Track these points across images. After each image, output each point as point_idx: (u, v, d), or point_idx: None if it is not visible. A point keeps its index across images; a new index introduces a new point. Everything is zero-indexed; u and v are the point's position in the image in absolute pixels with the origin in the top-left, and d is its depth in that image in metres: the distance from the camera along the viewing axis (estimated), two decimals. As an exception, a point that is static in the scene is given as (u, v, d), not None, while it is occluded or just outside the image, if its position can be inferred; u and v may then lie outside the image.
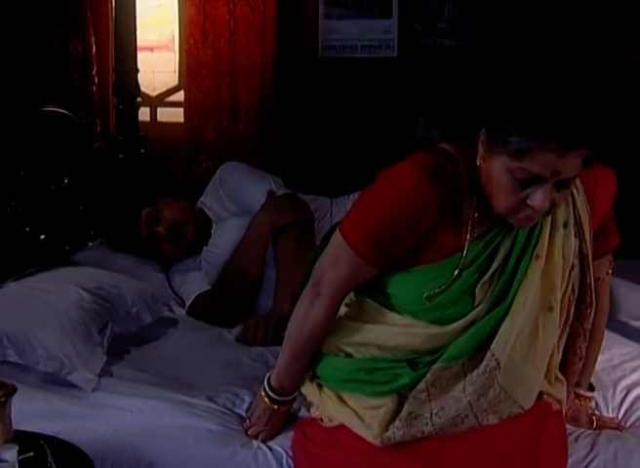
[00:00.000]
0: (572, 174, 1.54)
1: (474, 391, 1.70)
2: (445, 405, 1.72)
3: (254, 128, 3.86)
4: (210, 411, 2.05)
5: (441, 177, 1.64)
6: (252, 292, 2.70)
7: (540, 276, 1.70)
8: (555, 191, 1.55)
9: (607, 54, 3.76)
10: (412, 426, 1.73)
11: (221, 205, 2.96)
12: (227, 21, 3.76)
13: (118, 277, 2.59)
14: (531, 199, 1.56)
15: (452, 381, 1.72)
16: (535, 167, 1.51)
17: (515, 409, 1.73)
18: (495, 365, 1.69)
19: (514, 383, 1.71)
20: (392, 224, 1.67)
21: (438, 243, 1.69)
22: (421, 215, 1.64)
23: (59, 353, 2.14)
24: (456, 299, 1.71)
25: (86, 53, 3.70)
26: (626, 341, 2.53)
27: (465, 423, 1.72)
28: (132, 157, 3.40)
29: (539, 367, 1.74)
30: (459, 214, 1.68)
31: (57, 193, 2.87)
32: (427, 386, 1.73)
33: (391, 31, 3.89)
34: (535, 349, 1.72)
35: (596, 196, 1.77)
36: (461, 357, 1.72)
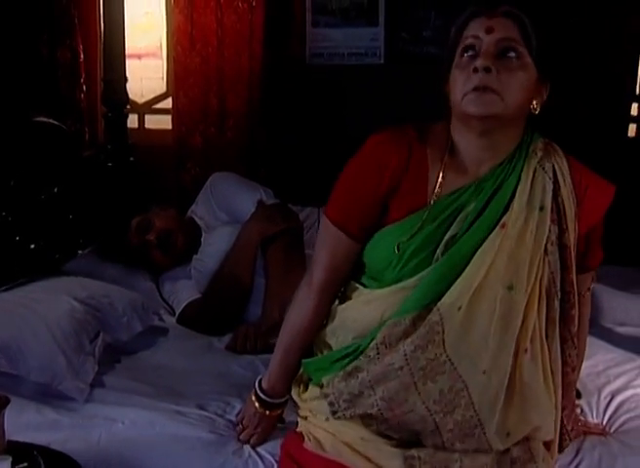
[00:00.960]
0: (508, 33, 1.65)
1: (411, 341, 1.69)
2: (386, 356, 1.72)
3: (242, 135, 3.88)
4: (200, 419, 2.07)
5: (401, 138, 1.75)
6: (241, 300, 2.72)
7: (507, 253, 1.70)
8: (500, 59, 1.65)
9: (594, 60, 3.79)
10: (351, 376, 1.75)
11: (212, 214, 2.99)
12: (215, 30, 3.78)
13: (109, 286, 2.60)
14: (475, 65, 1.65)
15: (402, 339, 1.71)
16: (472, 31, 1.67)
17: (458, 384, 1.69)
18: (437, 319, 1.68)
19: (461, 355, 1.69)
20: (355, 183, 1.78)
21: (401, 200, 1.75)
22: (381, 170, 1.73)
23: (50, 363, 2.15)
24: (418, 251, 1.73)
25: (74, 60, 3.73)
26: (611, 347, 2.57)
27: (400, 377, 1.70)
28: (121, 165, 3.41)
29: (489, 346, 1.69)
30: (424, 172, 1.75)
31: (47, 202, 2.87)
32: (377, 344, 1.73)
33: (378, 39, 3.92)
34: (487, 324, 1.69)
35: (585, 201, 1.79)
36: (410, 310, 1.71)
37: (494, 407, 1.71)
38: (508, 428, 1.73)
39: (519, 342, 1.72)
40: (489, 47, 1.65)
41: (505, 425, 1.72)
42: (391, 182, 1.74)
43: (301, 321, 1.89)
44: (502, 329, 1.70)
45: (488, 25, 1.66)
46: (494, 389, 1.71)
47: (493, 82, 1.64)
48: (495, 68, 1.64)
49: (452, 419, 1.71)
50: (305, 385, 1.92)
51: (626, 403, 2.21)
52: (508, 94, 1.65)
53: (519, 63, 1.66)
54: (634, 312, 2.81)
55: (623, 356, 2.51)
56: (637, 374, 2.37)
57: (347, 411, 1.76)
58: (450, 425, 1.71)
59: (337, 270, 1.85)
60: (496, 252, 1.70)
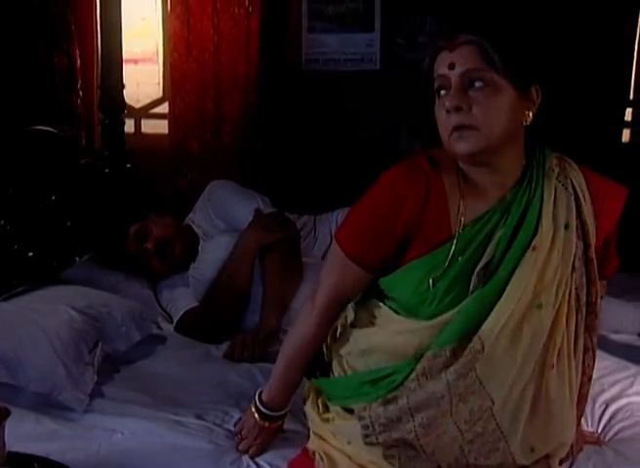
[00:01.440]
0: (470, 64, 1.63)
1: (455, 370, 1.69)
2: (427, 384, 1.72)
3: (238, 141, 3.90)
4: (199, 429, 2.08)
5: (417, 171, 1.72)
6: (239, 308, 2.73)
7: (537, 273, 1.71)
8: (470, 93, 1.64)
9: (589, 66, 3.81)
10: (390, 403, 1.75)
11: (210, 222, 3.00)
12: (211, 36, 3.80)
13: (107, 295, 2.61)
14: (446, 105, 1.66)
15: (443, 370, 1.71)
16: (439, 69, 1.67)
17: (487, 402, 1.70)
18: (479, 347, 1.68)
19: (490, 374, 1.70)
20: (373, 219, 1.76)
21: (425, 234, 1.74)
22: (398, 206, 1.72)
23: (50, 374, 2.16)
24: (451, 288, 1.73)
25: (71, 66, 3.73)
26: (605, 355, 2.57)
27: (441, 405, 1.70)
28: (118, 172, 3.42)
29: (516, 363, 1.71)
30: (444, 204, 1.73)
31: (45, 210, 2.89)
32: (418, 375, 1.72)
33: (374, 45, 3.95)
34: (516, 343, 1.70)
35: (603, 212, 1.80)
36: (451, 342, 1.70)
37: (516, 419, 1.72)
38: (532, 443, 1.75)
39: (546, 358, 1.74)
40: (455, 83, 1.64)
41: (530, 440, 1.74)
42: (410, 220, 1.72)
43: (303, 337, 1.90)
44: (530, 346, 1.72)
45: (450, 62, 1.65)
46: (514, 401, 1.72)
47: (467, 119, 1.64)
48: (466, 104, 1.63)
49: (472, 431, 1.72)
50: (325, 405, 1.92)
51: (621, 411, 2.22)
52: (487, 125, 1.64)
53: (489, 90, 1.63)
54: (628, 320, 2.82)
55: (617, 364, 2.52)
56: (631, 383, 2.38)
57: (381, 436, 1.75)
58: (470, 436, 1.72)
59: (342, 295, 1.86)
60: (528, 275, 1.71)
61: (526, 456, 1.74)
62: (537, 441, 1.75)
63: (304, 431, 2.02)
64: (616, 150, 3.92)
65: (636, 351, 2.66)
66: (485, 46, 1.62)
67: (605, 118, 3.89)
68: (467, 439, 1.72)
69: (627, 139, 4.01)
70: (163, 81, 4.12)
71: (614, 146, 3.93)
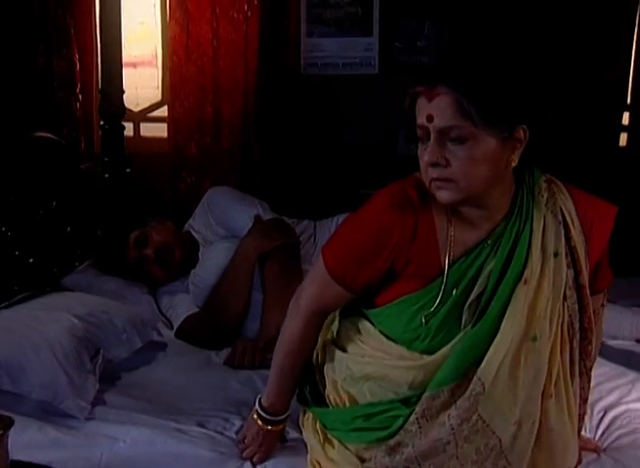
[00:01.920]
0: (446, 120, 1.58)
1: (457, 415, 1.69)
2: (430, 430, 1.72)
3: (237, 145, 3.91)
4: (201, 437, 2.09)
5: (405, 204, 1.71)
6: (239, 315, 2.74)
7: (528, 305, 1.70)
8: (449, 146, 1.60)
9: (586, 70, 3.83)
10: (395, 452, 1.75)
11: (209, 228, 3.01)
12: (210, 40, 3.82)
13: (108, 302, 2.62)
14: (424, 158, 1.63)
15: (442, 410, 1.71)
16: (419, 118, 1.63)
17: (492, 440, 1.71)
18: (480, 389, 1.69)
19: (493, 413, 1.70)
20: (357, 245, 1.77)
21: (415, 268, 1.74)
22: (384, 239, 1.72)
23: (52, 382, 2.17)
24: (444, 324, 1.74)
25: (70, 70, 3.75)
26: (603, 361, 2.57)
27: (447, 451, 1.70)
28: (117, 177, 3.44)
29: (518, 398, 1.71)
30: (432, 238, 1.73)
31: (45, 216, 2.90)
32: (418, 418, 1.73)
33: (372, 49, 3.96)
34: (515, 379, 1.71)
35: (592, 236, 1.79)
36: (447, 382, 1.71)
37: (525, 453, 1.73)
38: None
39: (545, 388, 1.74)
40: (434, 137, 1.61)
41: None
42: (396, 252, 1.73)
43: (289, 342, 1.94)
44: (531, 380, 1.72)
45: (428, 113, 1.61)
46: (524, 437, 1.73)
47: (444, 173, 1.62)
48: (443, 159, 1.60)
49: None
50: (328, 439, 1.92)
51: (619, 419, 2.23)
52: (466, 179, 1.62)
53: (468, 144, 1.60)
54: (626, 326, 2.83)
55: (615, 370, 2.53)
56: (629, 390, 2.39)
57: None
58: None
59: (324, 306, 1.90)
60: (521, 306, 1.71)
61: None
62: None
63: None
64: (613, 154, 3.94)
65: (634, 357, 2.67)
66: (462, 100, 1.57)
67: (602, 122, 3.91)
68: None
69: (625, 143, 4.01)
70: (162, 85, 4.13)
71: (611, 150, 3.95)
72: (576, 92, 3.87)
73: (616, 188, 3.88)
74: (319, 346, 2.01)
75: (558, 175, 3.71)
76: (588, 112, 3.89)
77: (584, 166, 3.89)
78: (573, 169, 3.87)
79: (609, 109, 3.93)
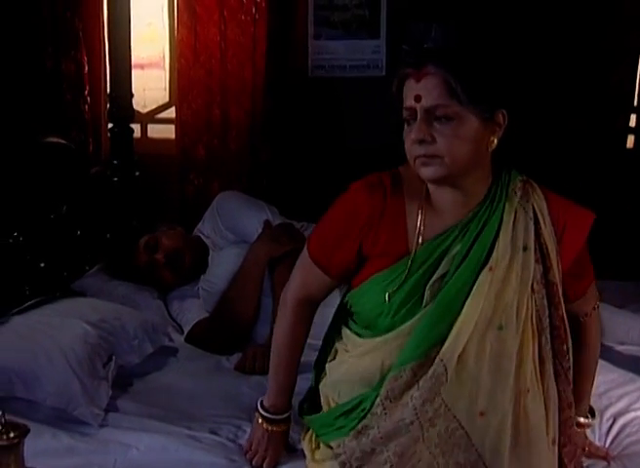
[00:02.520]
0: (434, 99, 1.68)
1: (420, 395, 1.73)
2: (394, 411, 1.76)
3: (245, 147, 3.91)
4: (213, 444, 2.10)
5: (377, 187, 1.83)
6: (249, 320, 2.76)
7: (494, 293, 1.75)
8: (436, 125, 1.68)
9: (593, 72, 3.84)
10: (362, 434, 1.80)
11: (219, 233, 3.02)
12: (218, 42, 3.81)
13: (119, 308, 2.63)
14: (411, 136, 1.71)
15: (405, 390, 1.75)
16: (406, 100, 1.73)
17: (453, 423, 1.73)
18: (442, 370, 1.72)
19: (456, 399, 1.73)
20: (331, 225, 1.89)
21: (383, 249, 1.82)
22: (353, 218, 1.83)
23: (66, 389, 2.18)
24: (406, 300, 1.79)
25: (78, 72, 3.74)
26: (612, 367, 2.60)
27: (411, 432, 1.74)
28: (127, 180, 3.45)
29: (482, 387, 1.74)
30: (401, 221, 1.82)
31: (56, 221, 2.92)
32: (382, 399, 1.78)
33: (379, 51, 3.97)
34: (480, 366, 1.74)
35: (564, 238, 1.82)
36: (409, 360, 1.75)
37: (498, 449, 1.74)
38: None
39: (519, 384, 1.76)
40: (420, 116, 1.69)
41: (513, 465, 1.75)
42: (365, 230, 1.82)
43: (282, 339, 1.99)
44: (496, 369, 1.75)
45: (416, 94, 1.69)
46: (494, 431, 1.74)
47: (431, 150, 1.69)
48: (429, 136, 1.68)
49: (453, 461, 1.75)
50: (318, 445, 1.97)
51: (628, 426, 2.24)
52: (451, 155, 1.69)
53: (454, 123, 1.69)
54: (635, 331, 2.84)
55: (624, 377, 2.54)
56: (638, 397, 2.40)
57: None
58: (452, 466, 1.75)
59: (309, 294, 1.97)
60: (485, 294, 1.75)
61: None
62: (520, 465, 1.76)
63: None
64: (620, 156, 3.95)
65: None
66: (449, 80, 1.67)
67: (609, 124, 3.92)
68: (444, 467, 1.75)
69: (632, 145, 4.02)
70: (169, 86, 4.13)
71: (618, 152, 3.96)
72: (583, 94, 3.87)
73: (623, 190, 3.91)
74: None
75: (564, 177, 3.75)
76: (595, 114, 3.90)
77: (591, 168, 3.91)
78: (580, 171, 3.91)
79: (616, 111, 3.94)
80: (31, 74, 3.62)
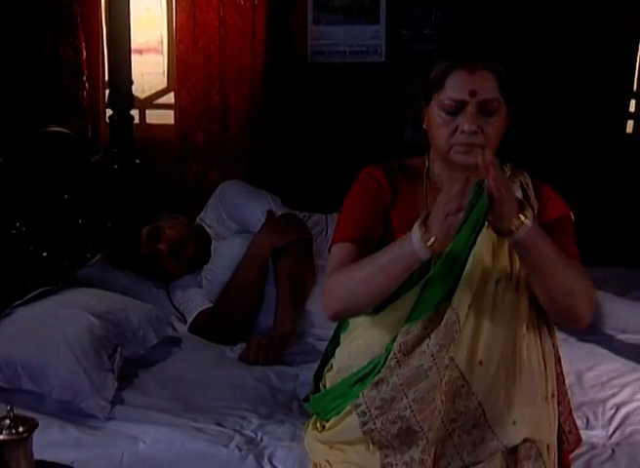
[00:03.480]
0: (489, 93, 1.79)
1: (436, 342, 1.77)
2: (411, 360, 1.80)
3: (244, 133, 3.90)
4: (219, 436, 2.12)
5: (389, 168, 1.95)
6: (252, 310, 2.76)
7: (491, 250, 1.82)
8: (483, 117, 1.79)
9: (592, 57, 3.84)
10: (380, 384, 1.82)
11: (221, 223, 3.01)
12: (217, 28, 3.79)
13: (123, 299, 2.64)
14: (461, 125, 1.78)
15: (417, 343, 1.80)
16: (455, 92, 1.78)
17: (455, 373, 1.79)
18: (455, 318, 1.77)
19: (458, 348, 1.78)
20: (355, 205, 1.93)
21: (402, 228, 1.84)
22: (380, 190, 1.91)
23: (72, 381, 2.19)
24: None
25: (76, 58, 3.72)
26: (614, 357, 2.63)
27: (430, 377, 1.77)
28: (127, 168, 3.44)
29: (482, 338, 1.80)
30: (412, 200, 1.92)
31: (57, 210, 2.91)
32: (395, 353, 1.81)
33: (379, 37, 3.95)
34: (480, 318, 1.80)
35: (547, 205, 1.93)
36: (419, 316, 1.79)
37: (495, 395, 1.80)
38: (514, 416, 1.81)
39: (516, 334, 1.82)
40: (474, 109, 1.78)
41: (511, 413, 1.80)
42: (390, 207, 1.91)
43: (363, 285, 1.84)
44: (494, 320, 1.81)
45: (471, 88, 1.78)
46: (491, 379, 1.80)
47: (479, 140, 1.80)
48: (480, 128, 1.79)
49: (454, 409, 1.80)
50: (322, 425, 1.98)
51: (632, 415, 2.27)
52: (491, 146, 1.81)
53: (497, 117, 1.81)
54: (636, 319, 2.85)
55: (627, 366, 2.57)
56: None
57: (379, 419, 1.81)
58: (452, 415, 1.80)
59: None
60: (484, 252, 1.81)
61: (507, 431, 1.80)
62: (517, 414, 1.81)
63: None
64: (620, 142, 3.96)
65: (645, 352, 2.70)
66: (503, 74, 1.80)
67: (609, 110, 3.92)
68: (450, 418, 1.80)
69: (631, 131, 4.03)
70: (168, 71, 4.11)
71: (618, 138, 3.96)
72: (582, 79, 3.87)
73: (622, 176, 3.91)
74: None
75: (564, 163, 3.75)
76: (595, 100, 3.89)
77: (591, 153, 3.91)
78: (579, 156, 3.91)
79: (615, 97, 3.94)
80: (29, 60, 3.60)
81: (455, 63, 1.80)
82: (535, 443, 1.84)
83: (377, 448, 1.83)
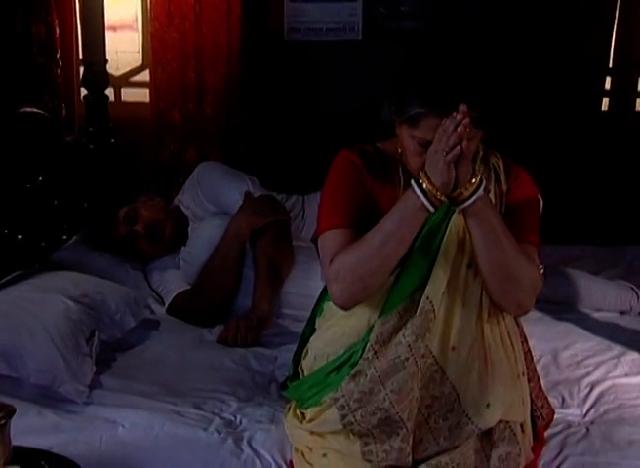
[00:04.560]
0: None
1: (412, 332, 1.78)
2: (387, 352, 1.81)
3: (220, 111, 3.87)
4: (198, 419, 2.12)
5: (363, 151, 1.94)
6: (230, 292, 2.76)
7: (462, 234, 1.83)
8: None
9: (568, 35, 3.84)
10: (357, 377, 1.83)
11: (199, 204, 3.00)
12: (193, 5, 3.74)
13: (100, 282, 2.62)
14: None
15: (393, 333, 1.81)
16: (428, 134, 1.74)
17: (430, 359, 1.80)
18: (430, 307, 1.78)
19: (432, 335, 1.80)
20: (345, 188, 1.90)
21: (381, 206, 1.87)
22: (359, 173, 1.90)
23: (49, 366, 2.18)
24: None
25: (49, 35, 3.66)
26: (589, 336, 2.66)
27: (407, 368, 1.78)
28: (102, 148, 3.41)
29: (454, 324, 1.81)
30: (391, 183, 1.91)
31: (32, 191, 2.88)
32: (372, 344, 1.83)
33: (356, 14, 3.91)
34: (453, 303, 1.81)
35: (516, 182, 1.94)
36: (395, 305, 1.81)
37: (468, 379, 1.82)
38: (488, 399, 1.82)
39: (481, 313, 1.84)
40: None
41: (484, 396, 1.82)
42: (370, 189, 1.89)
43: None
44: (466, 305, 1.83)
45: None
46: (462, 363, 1.82)
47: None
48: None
49: (429, 394, 1.82)
50: (302, 414, 1.98)
51: (606, 394, 2.30)
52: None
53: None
54: (610, 298, 2.89)
55: (601, 344, 2.60)
56: (615, 364, 2.46)
57: (358, 412, 1.82)
58: (427, 400, 1.82)
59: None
60: (456, 236, 1.83)
61: (482, 414, 1.82)
62: (490, 396, 1.82)
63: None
64: (595, 119, 3.96)
65: (619, 330, 2.74)
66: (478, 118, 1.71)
67: (584, 87, 3.92)
68: (426, 403, 1.82)
69: (607, 108, 4.03)
70: (142, 49, 4.07)
71: (593, 115, 3.97)
72: (558, 57, 3.87)
73: (597, 153, 3.93)
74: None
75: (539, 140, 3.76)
76: (570, 77, 3.89)
77: (566, 131, 3.92)
78: (555, 134, 3.92)
79: (591, 74, 3.94)
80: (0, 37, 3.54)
81: (429, 111, 1.73)
82: (508, 423, 1.86)
83: (357, 437, 1.84)
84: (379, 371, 1.80)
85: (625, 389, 2.32)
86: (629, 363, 2.47)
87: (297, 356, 2.12)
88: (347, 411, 1.83)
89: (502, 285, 1.81)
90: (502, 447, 1.83)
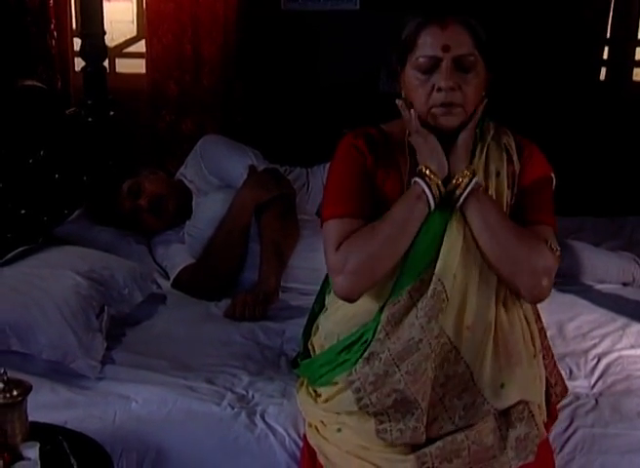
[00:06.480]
0: (463, 48, 1.75)
1: (425, 314, 1.77)
2: (400, 333, 1.81)
3: (217, 82, 3.86)
4: (210, 394, 2.13)
5: (367, 135, 1.90)
6: (236, 266, 2.76)
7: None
8: (459, 74, 1.76)
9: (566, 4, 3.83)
10: (371, 359, 1.82)
11: (202, 178, 2.98)
12: (188, -27, 3.72)
13: (107, 257, 2.61)
14: (437, 83, 1.75)
15: (405, 314, 1.80)
16: (427, 49, 1.74)
17: (443, 339, 1.79)
18: (441, 288, 1.77)
19: (446, 315, 1.79)
20: (350, 176, 1.87)
21: (386, 193, 1.86)
22: (364, 160, 1.87)
23: (61, 341, 2.18)
24: None
25: (43, 6, 3.62)
26: (593, 307, 2.67)
27: (421, 349, 1.77)
28: (101, 121, 3.38)
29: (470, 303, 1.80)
30: (396, 166, 1.88)
31: (34, 166, 2.86)
32: (384, 325, 1.82)
33: (354, -17, 3.89)
34: (467, 284, 1.80)
35: (528, 162, 1.91)
36: (405, 285, 1.80)
37: (483, 359, 1.81)
38: (502, 380, 1.83)
39: (498, 296, 1.83)
40: (449, 65, 1.74)
41: (499, 376, 1.82)
42: (373, 174, 1.87)
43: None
44: (480, 285, 1.81)
45: (444, 43, 1.74)
46: (477, 342, 1.81)
47: (457, 98, 1.76)
48: (456, 85, 1.75)
49: (443, 374, 1.81)
50: (316, 393, 1.98)
51: (612, 365, 2.32)
52: (470, 104, 1.79)
53: (475, 72, 1.78)
54: (613, 269, 2.90)
55: (605, 316, 2.62)
56: (620, 336, 2.48)
57: (373, 394, 1.82)
58: (441, 379, 1.81)
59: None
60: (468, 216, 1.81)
61: (497, 395, 1.82)
62: (505, 376, 1.83)
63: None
64: (593, 88, 3.97)
65: (622, 301, 2.75)
66: (476, 28, 1.77)
67: (582, 56, 3.93)
68: (440, 382, 1.82)
69: (604, 78, 4.04)
70: (137, 19, 4.03)
71: (591, 84, 3.98)
72: (556, 27, 3.86)
73: (596, 123, 3.94)
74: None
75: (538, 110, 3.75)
76: (568, 46, 3.90)
77: (564, 100, 3.93)
78: (553, 103, 3.92)
79: (589, 43, 3.94)
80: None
81: (425, 20, 1.75)
82: (527, 404, 1.86)
83: (371, 416, 1.85)
84: (393, 354, 1.80)
85: (632, 360, 2.34)
86: (634, 334, 2.49)
87: (306, 332, 2.13)
88: (363, 394, 1.83)
89: (508, 271, 1.80)
90: (520, 427, 1.83)
